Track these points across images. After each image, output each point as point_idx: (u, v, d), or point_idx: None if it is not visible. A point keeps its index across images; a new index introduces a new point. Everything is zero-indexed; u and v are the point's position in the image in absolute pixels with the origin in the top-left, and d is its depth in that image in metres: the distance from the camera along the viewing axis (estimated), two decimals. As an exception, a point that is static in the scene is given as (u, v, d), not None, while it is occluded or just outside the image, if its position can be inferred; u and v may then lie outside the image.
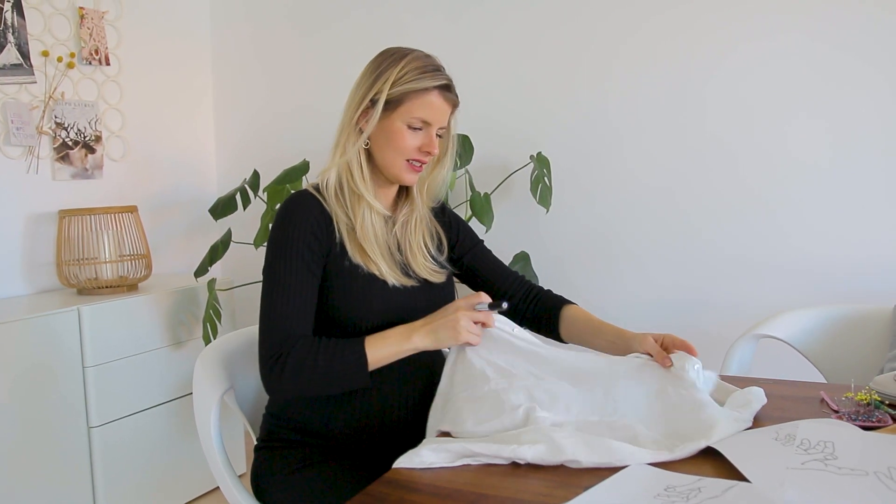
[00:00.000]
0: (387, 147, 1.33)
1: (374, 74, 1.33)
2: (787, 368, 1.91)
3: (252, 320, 2.01)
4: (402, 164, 1.34)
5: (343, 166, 1.35)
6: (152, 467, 2.46)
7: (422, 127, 1.32)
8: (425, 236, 1.43)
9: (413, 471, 1.04)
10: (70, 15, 2.64)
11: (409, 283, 1.36)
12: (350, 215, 1.33)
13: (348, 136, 1.35)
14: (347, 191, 1.34)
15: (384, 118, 1.31)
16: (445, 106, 1.34)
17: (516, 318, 1.50)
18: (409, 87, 1.30)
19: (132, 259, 2.56)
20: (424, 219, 1.44)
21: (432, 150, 1.34)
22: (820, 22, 2.21)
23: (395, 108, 1.31)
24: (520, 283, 1.53)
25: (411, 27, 2.79)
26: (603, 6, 2.50)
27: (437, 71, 1.32)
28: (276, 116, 3.14)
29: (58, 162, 2.59)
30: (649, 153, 2.47)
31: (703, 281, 2.44)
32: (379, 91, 1.30)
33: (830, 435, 1.03)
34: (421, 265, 1.39)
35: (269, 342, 1.24)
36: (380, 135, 1.33)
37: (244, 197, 2.60)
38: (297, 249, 1.27)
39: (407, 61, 1.31)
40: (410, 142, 1.32)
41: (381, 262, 1.32)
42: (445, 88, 1.33)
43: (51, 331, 2.16)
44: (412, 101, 1.30)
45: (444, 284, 1.44)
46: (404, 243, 1.40)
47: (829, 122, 2.23)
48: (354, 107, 1.34)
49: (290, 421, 1.35)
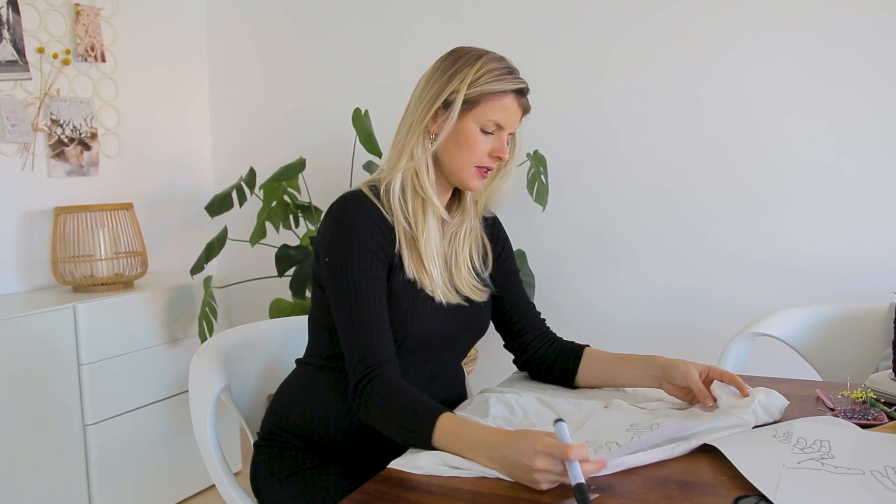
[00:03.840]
0: (457, 151, 1.27)
1: (447, 73, 1.26)
2: (782, 367, 1.92)
3: (247, 317, 2.02)
4: (472, 169, 1.28)
5: (409, 170, 1.28)
6: (148, 465, 2.46)
7: (494, 131, 1.27)
8: (472, 249, 1.37)
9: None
10: (66, 11, 2.63)
11: (455, 301, 1.31)
12: (412, 221, 1.28)
13: (418, 139, 1.27)
14: (411, 194, 1.28)
15: (457, 120, 1.26)
16: (518, 110, 1.29)
17: (529, 358, 1.46)
18: (487, 88, 1.24)
19: (128, 256, 2.55)
20: (474, 230, 1.39)
21: (503, 154, 1.29)
22: (815, 20, 2.22)
23: (470, 109, 1.25)
24: (540, 324, 1.48)
25: (409, 27, 2.79)
26: (600, 5, 2.49)
27: (514, 73, 1.28)
28: (272, 113, 3.13)
29: (53, 159, 2.58)
30: (646, 151, 2.47)
31: (699, 279, 2.44)
32: (455, 91, 1.24)
33: (826, 434, 1.03)
34: (465, 280, 1.34)
35: (354, 362, 1.20)
36: (450, 137, 1.27)
37: (240, 194, 2.60)
38: (365, 260, 1.22)
39: (484, 61, 1.26)
40: (482, 146, 1.27)
41: (434, 275, 1.28)
42: (521, 93, 1.29)
43: (46, 328, 2.16)
44: (488, 103, 1.25)
45: (484, 305, 1.38)
46: (451, 256, 1.34)
47: (825, 120, 2.24)
48: (425, 108, 1.27)
49: (293, 424, 1.34)
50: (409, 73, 1.43)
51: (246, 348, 1.57)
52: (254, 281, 2.84)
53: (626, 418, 1.16)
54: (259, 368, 1.59)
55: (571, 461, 0.92)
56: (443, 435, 1.07)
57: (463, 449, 1.04)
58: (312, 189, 2.83)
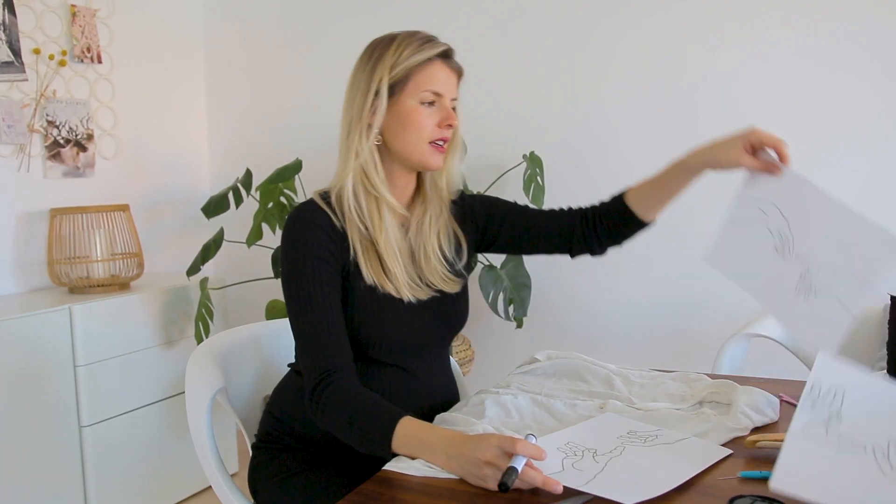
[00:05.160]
0: (404, 133, 1.24)
1: (369, 65, 1.25)
2: (778, 368, 1.92)
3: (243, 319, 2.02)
4: (426, 146, 1.25)
5: (358, 171, 1.26)
6: (144, 467, 2.46)
7: (434, 101, 1.25)
8: (440, 237, 1.33)
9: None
10: (62, 12, 2.62)
11: (424, 296, 1.29)
12: (368, 224, 1.26)
13: (360, 137, 1.25)
14: (364, 195, 1.26)
15: (393, 104, 1.24)
16: (451, 73, 1.27)
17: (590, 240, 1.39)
18: (412, 61, 1.23)
19: (124, 258, 2.55)
20: (441, 217, 1.34)
21: (452, 120, 1.26)
22: (812, 20, 2.23)
23: (402, 88, 1.24)
24: (569, 214, 1.41)
25: (406, 27, 2.78)
26: (598, 8, 2.50)
27: (433, 40, 1.27)
28: (268, 115, 3.13)
29: (49, 160, 2.58)
30: (645, 152, 2.47)
31: (695, 280, 2.44)
32: (381, 78, 1.23)
33: (844, 381, 0.95)
34: (434, 271, 1.31)
35: (308, 368, 1.20)
36: (393, 123, 1.25)
37: (237, 196, 2.60)
38: (316, 268, 1.21)
39: (399, 39, 1.25)
40: (427, 120, 1.24)
41: (398, 274, 1.25)
42: (447, 55, 1.27)
43: (42, 330, 2.15)
44: (418, 75, 1.23)
45: (457, 296, 1.35)
46: (418, 249, 1.31)
47: (821, 120, 2.24)
48: (359, 105, 1.25)
49: (290, 426, 1.34)
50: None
51: (242, 350, 1.57)
52: (250, 282, 2.83)
53: (625, 426, 1.16)
54: (255, 370, 1.59)
55: (518, 454, 0.94)
56: (403, 438, 1.07)
57: (423, 450, 1.05)
58: (309, 191, 2.78)
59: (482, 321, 2.70)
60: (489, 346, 2.75)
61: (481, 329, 2.73)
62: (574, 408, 1.26)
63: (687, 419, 1.20)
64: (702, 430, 1.13)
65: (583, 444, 1.08)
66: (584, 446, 1.07)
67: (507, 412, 1.26)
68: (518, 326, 2.49)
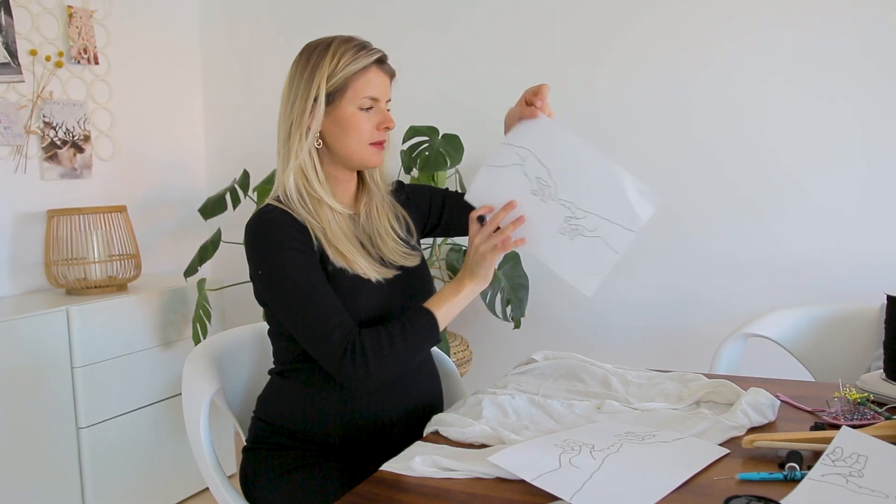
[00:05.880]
0: (345, 137, 1.31)
1: (307, 71, 1.30)
2: (775, 367, 1.93)
3: (241, 320, 2.01)
4: (367, 148, 1.32)
5: (297, 170, 1.32)
6: (141, 468, 2.45)
7: (372, 105, 1.31)
8: (391, 219, 1.41)
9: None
10: (58, 14, 2.62)
11: (389, 275, 1.34)
12: (317, 220, 1.31)
13: (300, 141, 1.31)
14: (307, 196, 1.32)
15: (333, 110, 1.30)
16: (386, 78, 1.34)
17: None
18: (349, 70, 1.28)
19: (121, 259, 2.55)
20: (386, 203, 1.43)
21: (390, 124, 1.33)
22: (808, 19, 2.23)
23: (341, 95, 1.29)
24: None
25: (404, 28, 2.79)
26: (592, 8, 2.50)
27: (367, 47, 1.32)
28: (265, 116, 3.12)
29: (46, 161, 2.57)
30: (638, 153, 2.48)
31: (691, 281, 2.45)
32: (319, 85, 1.28)
33: (867, 449, 0.95)
34: (393, 250, 1.37)
35: (328, 345, 1.21)
36: (333, 128, 1.31)
37: (234, 197, 2.60)
38: (294, 259, 1.25)
39: (335, 47, 1.29)
40: (367, 124, 1.31)
41: (360, 261, 1.30)
42: (381, 62, 1.33)
43: (39, 331, 2.15)
44: (356, 83, 1.29)
45: (419, 268, 1.42)
46: (373, 233, 1.38)
47: (816, 122, 2.25)
48: (298, 111, 1.30)
49: (279, 427, 1.35)
50: (404, 74, 1.44)
51: (239, 351, 1.57)
52: (248, 283, 2.83)
53: (622, 426, 1.16)
54: (253, 371, 1.59)
55: (480, 213, 1.26)
56: (440, 312, 1.26)
57: (451, 295, 1.27)
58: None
59: (480, 321, 2.70)
60: (487, 347, 2.75)
61: (479, 329, 2.73)
62: (571, 408, 1.26)
63: (684, 419, 1.20)
64: (699, 429, 1.14)
65: (580, 440, 1.08)
66: (582, 442, 1.07)
67: (504, 412, 1.26)
68: (515, 327, 2.49)
